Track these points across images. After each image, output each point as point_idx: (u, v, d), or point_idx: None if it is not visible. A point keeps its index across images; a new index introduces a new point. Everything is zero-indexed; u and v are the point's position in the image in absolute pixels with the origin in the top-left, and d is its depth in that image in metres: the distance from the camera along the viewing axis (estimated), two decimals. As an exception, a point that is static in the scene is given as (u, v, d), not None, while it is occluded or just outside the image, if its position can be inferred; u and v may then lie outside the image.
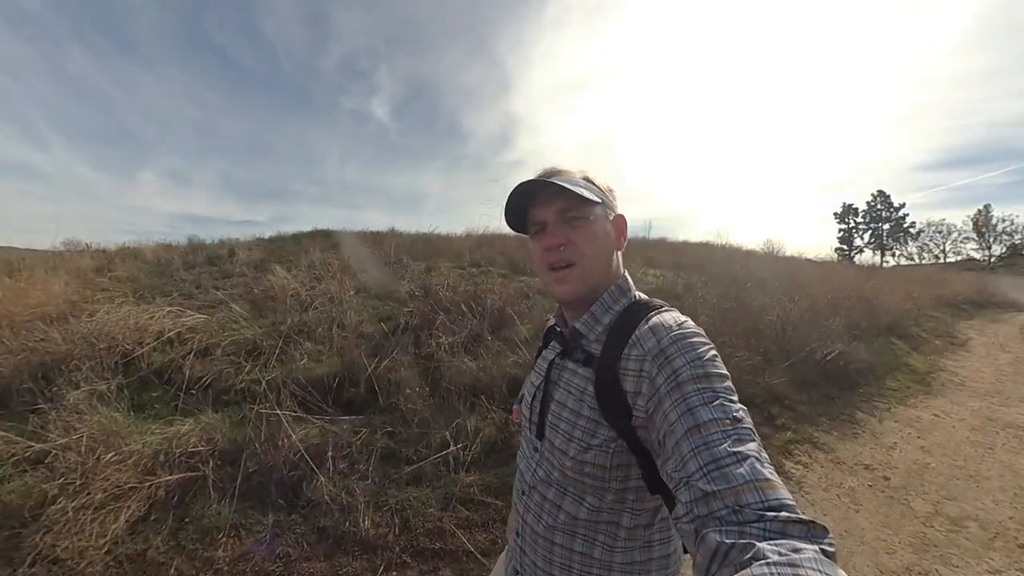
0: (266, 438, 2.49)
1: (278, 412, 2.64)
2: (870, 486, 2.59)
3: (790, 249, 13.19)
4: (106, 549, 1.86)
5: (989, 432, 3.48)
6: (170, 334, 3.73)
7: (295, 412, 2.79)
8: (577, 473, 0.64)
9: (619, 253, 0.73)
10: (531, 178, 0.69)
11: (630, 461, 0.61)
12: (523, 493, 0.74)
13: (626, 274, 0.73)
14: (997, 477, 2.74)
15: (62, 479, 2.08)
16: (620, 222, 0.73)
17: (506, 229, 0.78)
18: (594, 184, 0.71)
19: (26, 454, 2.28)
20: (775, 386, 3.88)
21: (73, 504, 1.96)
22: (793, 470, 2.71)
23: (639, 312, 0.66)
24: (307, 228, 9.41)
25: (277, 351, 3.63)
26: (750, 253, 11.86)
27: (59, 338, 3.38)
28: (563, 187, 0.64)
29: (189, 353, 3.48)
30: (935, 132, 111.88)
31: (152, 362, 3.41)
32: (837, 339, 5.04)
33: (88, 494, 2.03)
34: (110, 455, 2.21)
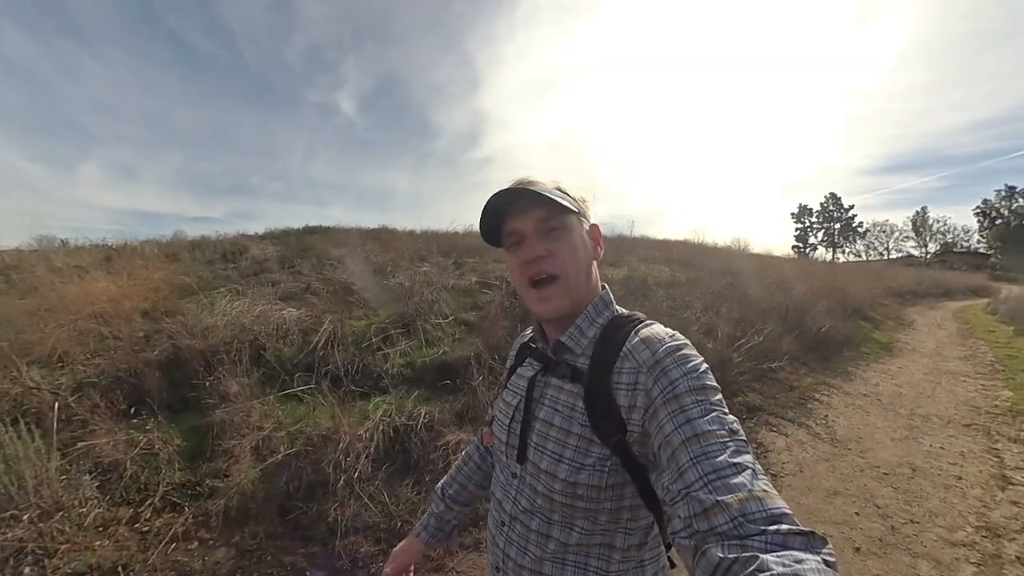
0: (486, 403, 2.88)
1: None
2: (871, 403, 4.03)
3: (756, 247, 14.44)
4: (408, 509, 2.08)
5: (936, 375, 5.08)
6: (297, 326, 3.82)
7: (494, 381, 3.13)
8: (568, 497, 0.60)
9: (595, 264, 0.71)
10: (506, 187, 0.66)
11: (624, 479, 0.59)
12: (503, 524, 0.69)
13: (607, 287, 0.72)
14: (944, 396, 4.27)
15: (341, 458, 2.22)
16: (595, 232, 0.71)
17: None
18: (567, 195, 0.68)
19: (252, 446, 2.34)
20: (792, 350, 5.30)
21: (354, 477, 2.14)
22: (823, 398, 4.10)
23: (625, 325, 0.65)
24: (276, 226, 9.26)
25: (422, 336, 4.05)
26: (728, 250, 13.42)
27: (200, 331, 3.38)
28: (541, 195, 0.63)
29: (325, 342, 3.58)
30: (880, 139, 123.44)
31: (282, 353, 3.49)
32: (825, 318, 6.59)
33: (358, 469, 2.20)
34: (363, 429, 2.40)
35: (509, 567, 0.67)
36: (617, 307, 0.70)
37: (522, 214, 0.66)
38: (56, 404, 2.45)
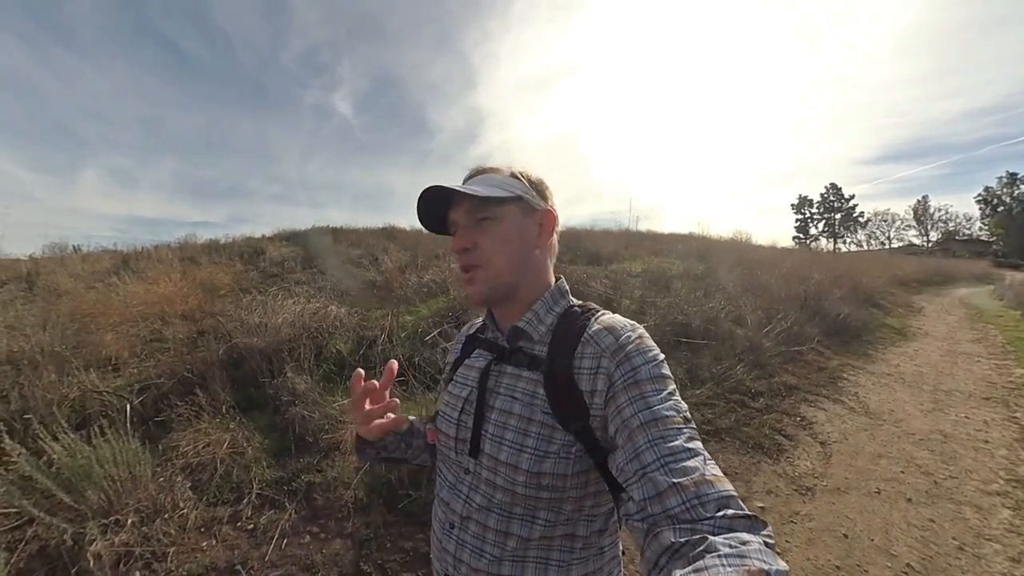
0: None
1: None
2: (895, 381, 4.36)
3: (758, 239, 14.32)
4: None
5: (952, 356, 5.43)
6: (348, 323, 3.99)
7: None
8: (532, 488, 0.60)
9: (541, 251, 0.71)
10: (434, 184, 0.66)
11: (589, 466, 0.59)
12: (453, 527, 0.67)
13: (562, 277, 0.74)
14: (962, 375, 4.61)
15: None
16: (548, 217, 0.71)
17: None
18: (520, 179, 0.68)
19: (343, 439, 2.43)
20: (816, 334, 5.63)
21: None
22: (851, 378, 4.43)
23: (584, 314, 0.67)
24: (269, 228, 9.57)
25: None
26: (734, 242, 13.69)
27: (262, 330, 3.44)
28: (455, 190, 0.64)
29: (382, 336, 3.77)
30: (876, 128, 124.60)
31: (342, 349, 3.65)
32: (841, 306, 6.92)
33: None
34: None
35: (462, 572, 0.64)
36: (572, 298, 0.72)
37: (456, 206, 0.68)
38: (128, 407, 2.55)
